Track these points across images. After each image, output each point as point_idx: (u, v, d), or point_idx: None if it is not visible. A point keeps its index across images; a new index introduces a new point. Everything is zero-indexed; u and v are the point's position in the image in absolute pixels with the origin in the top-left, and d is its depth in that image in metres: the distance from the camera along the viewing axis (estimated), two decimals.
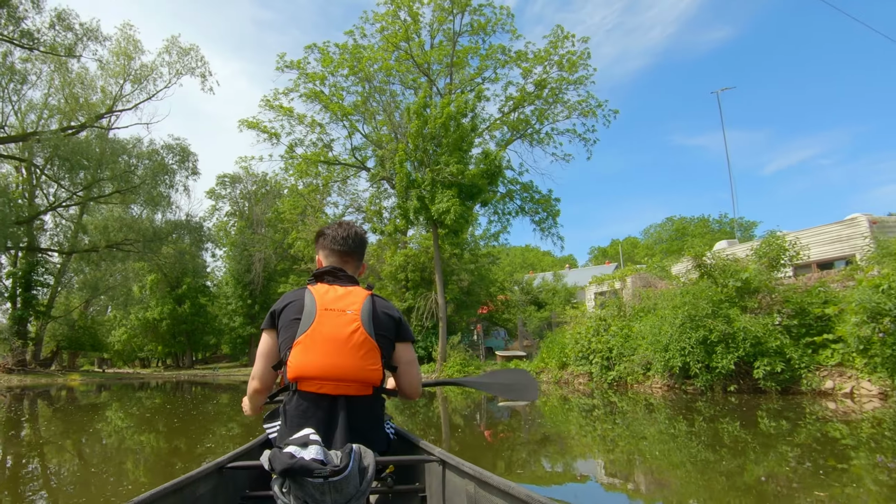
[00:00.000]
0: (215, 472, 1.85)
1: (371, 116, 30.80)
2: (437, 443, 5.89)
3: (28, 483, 5.08)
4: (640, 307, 14.76)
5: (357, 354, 1.73)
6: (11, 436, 8.50)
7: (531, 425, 8.88)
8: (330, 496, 1.38)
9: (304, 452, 1.42)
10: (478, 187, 21.90)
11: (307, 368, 1.71)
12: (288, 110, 30.22)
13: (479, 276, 27.15)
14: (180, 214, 29.04)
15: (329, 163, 31.50)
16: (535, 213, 29.33)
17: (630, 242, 56.22)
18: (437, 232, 23.28)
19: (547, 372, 17.54)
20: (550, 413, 10.42)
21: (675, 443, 6.46)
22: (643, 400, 11.40)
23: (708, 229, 48.23)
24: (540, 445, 6.79)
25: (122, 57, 26.57)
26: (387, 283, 28.20)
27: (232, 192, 50.40)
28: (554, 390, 15.18)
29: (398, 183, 22.57)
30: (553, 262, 55.71)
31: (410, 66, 29.27)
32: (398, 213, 23.32)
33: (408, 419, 9.12)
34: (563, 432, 7.90)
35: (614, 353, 14.10)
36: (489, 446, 6.85)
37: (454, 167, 20.55)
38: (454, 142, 21.40)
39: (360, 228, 2.09)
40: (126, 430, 8.99)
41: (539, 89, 28.81)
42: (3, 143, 22.80)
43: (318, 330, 1.72)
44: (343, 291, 1.82)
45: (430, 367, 24.28)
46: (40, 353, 32.31)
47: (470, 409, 11.20)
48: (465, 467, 1.73)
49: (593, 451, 6.42)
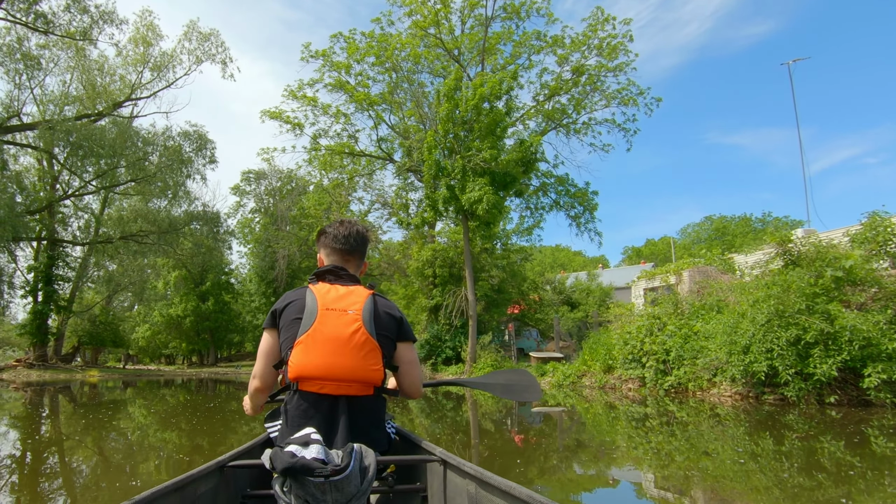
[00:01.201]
0: (216, 471, 1.84)
1: (398, 107, 29.58)
2: (466, 449, 5.82)
3: (44, 481, 4.94)
4: (699, 304, 13.01)
5: (358, 354, 1.72)
6: (20, 433, 8.20)
7: (570, 433, 8.11)
8: (331, 495, 1.37)
9: (305, 451, 1.41)
10: (512, 176, 20.33)
11: (308, 368, 1.70)
12: (312, 100, 29.14)
13: (511, 272, 25.53)
14: (197, 205, 28.10)
15: (354, 154, 30.30)
16: (570, 207, 27.64)
17: (666, 242, 53.89)
18: (468, 224, 21.78)
19: (590, 376, 15.87)
20: (594, 421, 9.35)
21: (756, 462, 5.30)
22: (708, 410, 9.85)
23: (750, 228, 45.76)
24: (579, 455, 6.24)
25: (141, 44, 25.77)
26: (413, 280, 26.81)
27: (256, 188, 49.81)
28: (598, 396, 13.63)
29: (426, 171, 21.14)
30: (585, 262, 53.69)
31: (440, 54, 27.94)
32: (426, 203, 21.87)
33: (434, 423, 8.66)
34: (607, 442, 7.10)
35: (672, 355, 12.38)
36: (520, 452, 6.30)
37: (487, 153, 19.01)
38: (487, 126, 19.86)
39: (362, 227, 2.07)
40: (142, 428, 8.60)
41: (576, 76, 27.12)
42: (12, 132, 22.03)
43: (320, 330, 1.71)
44: (344, 291, 1.81)
45: (458, 368, 22.77)
46: (61, 348, 31.78)
47: (501, 412, 10.46)
48: (467, 467, 1.75)
49: (642, 464, 5.61)
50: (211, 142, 26.49)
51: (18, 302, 31.06)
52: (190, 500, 1.67)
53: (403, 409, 11.58)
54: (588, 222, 26.94)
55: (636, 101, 27.57)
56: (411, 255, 26.95)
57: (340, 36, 29.06)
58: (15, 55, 21.09)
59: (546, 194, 28.52)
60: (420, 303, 25.89)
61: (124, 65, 25.85)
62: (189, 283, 43.73)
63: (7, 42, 20.91)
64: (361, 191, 35.03)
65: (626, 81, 27.45)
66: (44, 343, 28.86)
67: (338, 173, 31.06)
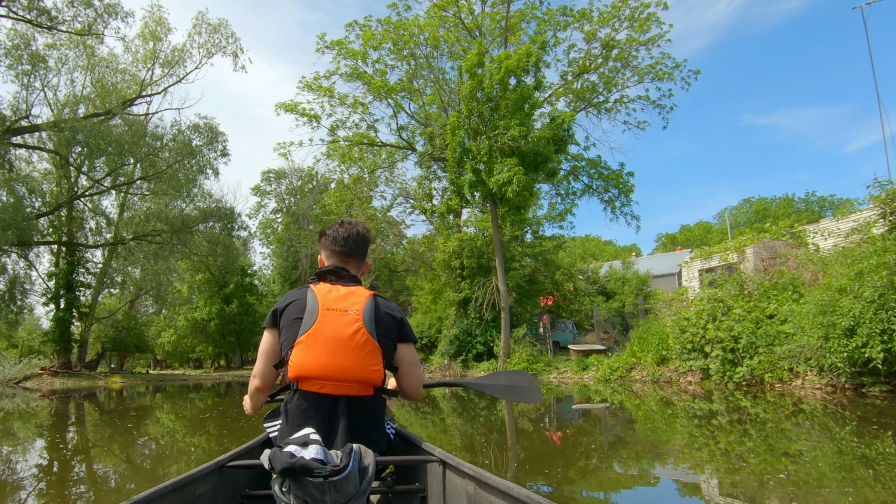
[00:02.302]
0: (215, 472, 1.84)
1: (418, 95, 28.30)
2: (502, 450, 5.45)
3: (71, 486, 4.73)
4: (770, 283, 11.36)
5: (359, 355, 1.72)
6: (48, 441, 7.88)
7: (617, 432, 7.29)
8: (330, 496, 1.37)
9: (304, 452, 1.40)
10: (543, 155, 18.81)
11: (308, 368, 1.70)
12: (328, 90, 28.00)
13: (544, 261, 23.99)
14: (210, 202, 27.04)
15: (374, 144, 29.09)
16: (604, 191, 25.96)
17: (702, 227, 51.59)
18: (496, 210, 20.32)
19: (640, 369, 14.30)
20: (646, 419, 8.27)
21: (871, 469, 4.25)
22: (791, 405, 8.36)
23: (793, 209, 43.27)
24: (630, 456, 5.47)
25: (150, 39, 24.89)
26: (440, 273, 25.47)
27: (277, 187, 49.12)
28: (651, 391, 12.17)
29: (449, 155, 19.76)
30: (616, 251, 51.64)
31: (460, 36, 26.54)
32: (451, 190, 20.47)
33: (466, 423, 8.21)
34: (663, 442, 6.29)
35: (741, 343, 10.77)
36: (560, 453, 5.76)
37: (515, 130, 17.53)
38: (514, 102, 18.40)
39: (362, 228, 2.05)
40: (171, 433, 8.32)
41: (606, 52, 25.39)
42: (20, 134, 21.29)
43: (320, 329, 1.70)
44: (345, 291, 1.81)
45: (491, 363, 21.35)
46: (85, 355, 31.27)
47: (539, 411, 9.62)
48: (466, 468, 1.74)
49: (706, 467, 4.86)
50: (222, 134, 25.46)
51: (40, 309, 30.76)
52: (189, 501, 1.66)
53: (434, 408, 11.07)
54: (624, 206, 25.24)
55: (672, 76, 25.75)
56: (437, 247, 25.62)
57: (356, 24, 27.91)
58: (22, 56, 20.40)
59: (577, 178, 26.92)
60: (448, 297, 24.48)
61: (134, 62, 25.06)
62: (213, 286, 43.21)
63: (14, 42, 20.22)
64: (383, 185, 33.96)
65: (660, 55, 25.67)
66: (67, 350, 28.31)
67: (358, 168, 29.94)
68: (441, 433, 7.46)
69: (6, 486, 4.75)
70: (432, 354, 25.39)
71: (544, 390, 14.02)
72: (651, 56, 25.70)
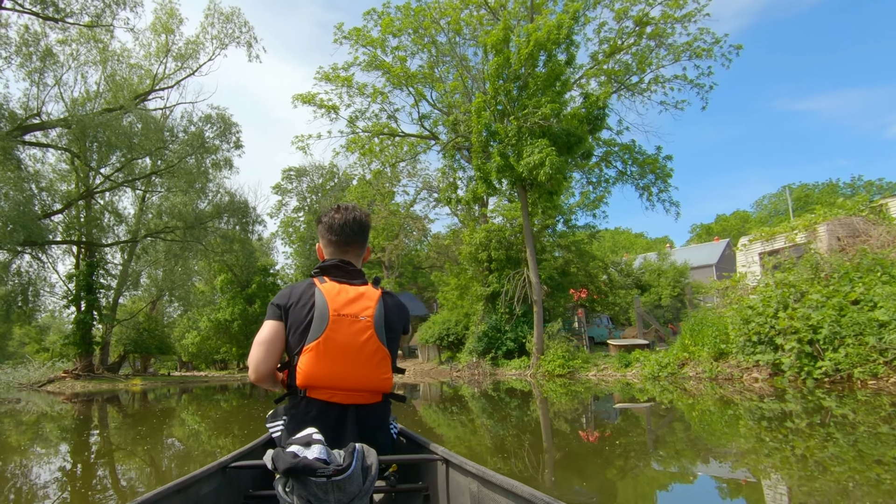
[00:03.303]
0: (218, 472, 1.84)
1: (440, 84, 27.14)
2: (538, 453, 5.24)
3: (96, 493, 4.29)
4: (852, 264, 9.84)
5: (370, 364, 1.69)
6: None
7: (664, 433, 6.47)
8: (333, 495, 1.36)
9: (307, 452, 1.40)
10: (576, 136, 17.43)
11: (319, 377, 1.67)
12: (346, 80, 26.98)
13: (577, 252, 22.55)
14: (223, 196, 26.14)
15: (395, 135, 27.99)
16: (639, 177, 24.38)
17: (739, 217, 49.33)
18: (526, 197, 18.98)
19: (694, 364, 12.85)
20: (702, 420, 7.31)
21: None
22: (888, 406, 7.06)
23: (837, 195, 40.90)
24: (678, 458, 4.91)
25: (163, 32, 24.13)
26: (466, 266, 24.24)
27: (298, 185, 48.53)
28: (708, 390, 10.83)
29: (475, 139, 18.51)
30: (648, 243, 49.75)
31: (483, 17, 25.27)
32: (477, 176, 19.20)
33: (497, 423, 7.80)
34: (720, 444, 5.53)
35: (823, 333, 9.28)
36: (597, 454, 5.30)
37: (547, 108, 16.18)
38: (545, 79, 17.07)
39: (361, 212, 1.94)
40: (195, 435, 7.99)
41: (639, 28, 23.79)
42: (31, 132, 20.66)
43: (332, 338, 1.66)
44: (354, 293, 1.75)
45: (523, 361, 20.03)
46: (108, 358, 30.86)
47: (577, 410, 9.04)
48: (469, 466, 1.74)
49: (777, 473, 4.09)
50: (235, 125, 24.49)
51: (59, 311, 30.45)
52: (193, 501, 1.66)
53: (463, 408, 10.54)
54: (662, 192, 23.62)
55: (711, 52, 24.01)
56: (462, 239, 24.39)
57: (374, 12, 26.85)
58: (33, 53, 19.79)
59: (609, 165, 25.42)
60: (475, 291, 23.19)
61: (147, 56, 24.35)
62: (235, 286, 42.73)
63: (23, 38, 19.61)
64: (406, 178, 32.91)
65: (698, 31, 23.97)
66: (89, 353, 27.87)
67: (379, 162, 28.90)
68: (470, 434, 6.98)
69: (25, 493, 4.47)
70: (459, 352, 24.21)
71: (582, 389, 13.04)
72: (688, 33, 24.06)
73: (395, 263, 36.41)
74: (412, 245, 39.63)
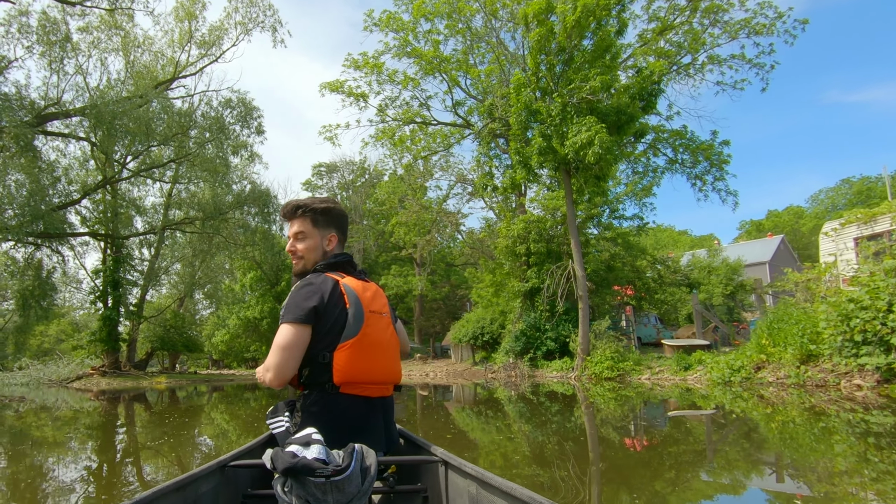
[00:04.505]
0: (217, 471, 1.84)
1: (475, 71, 25.75)
2: (582, 462, 4.96)
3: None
4: None
5: (395, 357, 1.81)
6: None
7: (731, 444, 5.59)
8: (332, 496, 1.36)
9: (306, 452, 1.41)
10: (628, 114, 15.75)
11: (357, 373, 1.70)
12: (376, 65, 25.78)
13: (625, 245, 20.77)
14: (244, 185, 25.11)
15: (427, 123, 26.68)
16: (691, 165, 22.44)
17: (793, 212, 46.33)
18: (571, 183, 17.35)
19: (774, 369, 11.06)
20: (783, 433, 6.05)
21: None
22: None
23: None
24: (752, 476, 4.10)
25: (186, 18, 23.32)
26: (502, 261, 22.70)
27: (328, 182, 47.81)
28: (793, 398, 9.26)
29: (514, 119, 16.98)
30: (692, 241, 47.17)
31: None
32: (515, 161, 17.67)
33: (536, 429, 7.30)
34: (808, 465, 4.46)
35: None
36: (653, 464, 4.65)
37: (597, 80, 14.56)
38: (593, 51, 15.46)
39: (308, 198, 2.00)
40: (224, 434, 7.79)
41: (692, 2, 21.84)
42: (49, 121, 19.99)
43: (368, 335, 1.71)
44: (373, 290, 1.83)
45: (565, 363, 18.40)
46: (134, 355, 30.39)
47: (626, 417, 8.28)
48: (468, 468, 1.74)
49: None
50: (256, 109, 23.45)
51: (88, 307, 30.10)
52: (191, 500, 1.65)
53: (498, 412, 9.93)
54: (718, 179, 21.63)
55: (773, 28, 21.87)
56: (499, 232, 22.84)
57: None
58: (54, 42, 19.15)
59: (658, 153, 23.55)
60: (511, 288, 21.59)
61: (170, 43, 23.57)
62: (264, 283, 42.17)
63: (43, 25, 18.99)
64: (439, 171, 31.52)
65: (757, 6, 21.89)
66: (115, 350, 27.38)
67: (411, 156, 27.65)
68: (507, 440, 6.47)
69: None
70: (495, 352, 22.71)
71: (633, 393, 11.63)
72: (745, 8, 22.00)
73: (427, 260, 35.10)
74: (444, 242, 38.33)
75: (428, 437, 2.29)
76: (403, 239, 29.39)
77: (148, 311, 31.49)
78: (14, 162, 16.66)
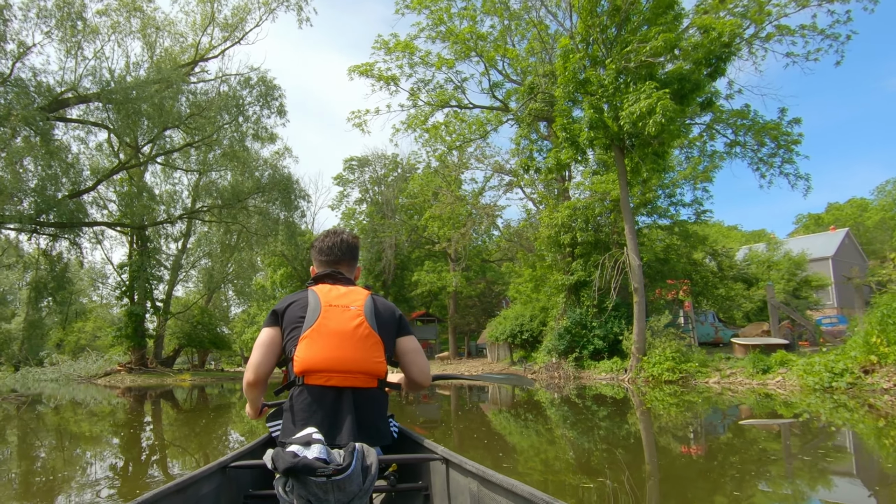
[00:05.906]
0: (218, 472, 1.83)
1: (513, 52, 24.14)
2: (637, 469, 4.76)
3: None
4: None
5: (363, 347, 1.73)
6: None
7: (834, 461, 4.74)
8: (333, 495, 1.36)
9: (306, 451, 1.40)
10: (692, 82, 13.85)
11: (315, 361, 1.69)
12: (408, 46, 24.37)
13: (684, 234, 18.74)
14: (264, 169, 23.73)
15: (462, 107, 25.14)
16: (755, 148, 20.23)
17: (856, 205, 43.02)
18: (625, 162, 15.51)
19: (888, 372, 9.09)
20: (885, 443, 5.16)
21: None
22: None
23: None
24: None
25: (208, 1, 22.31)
26: (544, 253, 20.95)
27: (360, 176, 46.65)
28: None
29: (560, 91, 15.27)
30: (743, 236, 44.25)
31: None
32: (562, 137, 15.92)
33: (581, 435, 6.70)
34: None
35: None
36: (705, 475, 4.31)
37: (659, 40, 12.74)
38: (652, 9, 13.65)
39: (349, 235, 2.07)
40: (252, 432, 7.19)
41: None
42: (65, 107, 19.17)
43: (324, 324, 1.71)
44: (344, 290, 1.83)
45: (615, 363, 16.63)
46: (161, 351, 29.68)
47: (688, 423, 7.53)
48: (469, 466, 1.73)
49: None
50: (277, 88, 22.05)
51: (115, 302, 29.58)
52: (192, 501, 1.65)
53: (539, 415, 9.46)
54: (786, 162, 19.38)
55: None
56: (540, 221, 21.05)
57: None
58: (75, 27, 18.38)
59: (714, 137, 21.44)
60: (554, 281, 19.72)
61: (192, 25, 22.60)
62: (295, 280, 41.36)
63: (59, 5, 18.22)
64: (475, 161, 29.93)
65: None
66: (141, 346, 26.66)
67: (445, 145, 26.21)
68: (548, 444, 6.23)
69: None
70: (535, 351, 20.95)
71: (699, 399, 10.70)
72: None
73: (462, 255, 33.54)
74: (480, 237, 36.72)
75: (464, 445, 2.54)
76: (437, 233, 28.09)
77: (175, 307, 30.78)
78: (33, 151, 15.85)
